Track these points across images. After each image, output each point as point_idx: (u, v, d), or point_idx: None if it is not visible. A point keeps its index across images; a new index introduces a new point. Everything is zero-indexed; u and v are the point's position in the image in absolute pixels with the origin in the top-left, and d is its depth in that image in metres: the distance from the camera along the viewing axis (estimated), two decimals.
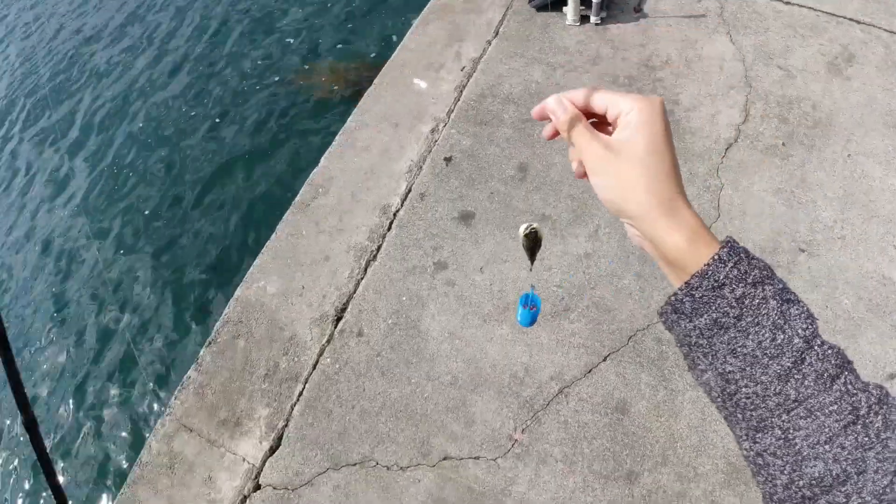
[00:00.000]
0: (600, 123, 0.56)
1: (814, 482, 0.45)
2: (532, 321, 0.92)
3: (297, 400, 2.57)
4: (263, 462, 2.47)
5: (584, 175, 0.56)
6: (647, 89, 3.33)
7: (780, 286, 0.48)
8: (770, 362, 0.47)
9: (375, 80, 3.58)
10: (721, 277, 0.48)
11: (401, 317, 2.68)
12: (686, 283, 0.49)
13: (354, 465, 2.39)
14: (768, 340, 0.47)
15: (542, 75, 3.42)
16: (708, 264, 0.49)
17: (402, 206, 3.01)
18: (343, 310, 2.77)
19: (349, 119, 3.42)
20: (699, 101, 3.29)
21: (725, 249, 0.49)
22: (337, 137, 3.35)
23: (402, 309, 2.70)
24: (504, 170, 3.05)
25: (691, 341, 0.51)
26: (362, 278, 2.83)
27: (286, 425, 2.52)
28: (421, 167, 3.13)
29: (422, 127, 3.31)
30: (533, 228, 0.79)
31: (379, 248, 2.91)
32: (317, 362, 2.65)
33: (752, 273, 0.48)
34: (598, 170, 0.53)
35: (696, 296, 0.49)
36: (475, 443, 2.38)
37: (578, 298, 2.65)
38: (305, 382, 2.60)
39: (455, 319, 2.65)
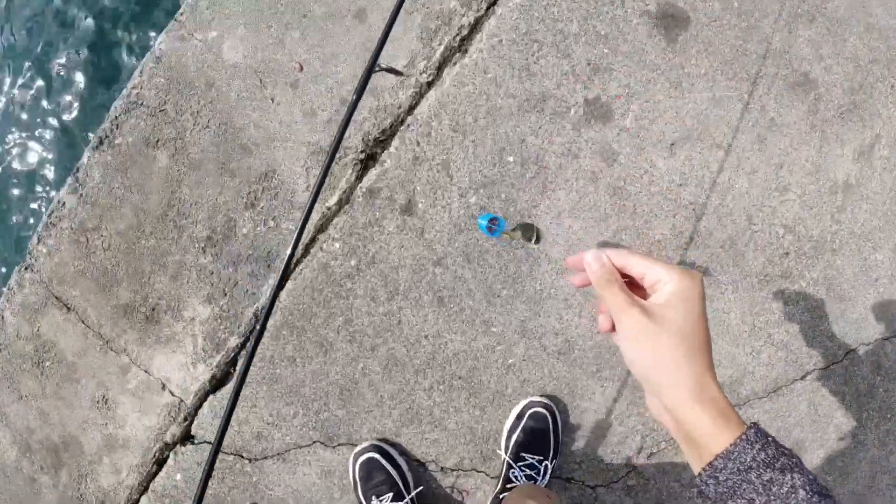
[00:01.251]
0: (631, 284, 0.51)
1: None
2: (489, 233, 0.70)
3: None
4: (201, 400, 1.34)
5: (611, 329, 0.51)
6: None
7: (810, 477, 0.44)
8: None
9: None
10: (748, 460, 0.43)
11: (495, 195, 1.31)
12: (710, 463, 0.44)
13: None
14: None
15: None
16: (734, 444, 0.44)
17: None
18: (381, 142, 1.32)
19: None
20: None
21: (752, 431, 0.44)
22: None
23: (502, 179, 1.31)
24: None
25: None
26: (432, 83, 1.32)
27: (242, 346, 1.33)
28: None
29: None
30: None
31: (477, 22, 1.31)
32: (313, 241, 1.32)
33: (781, 459, 0.44)
34: (633, 336, 0.47)
35: (721, 478, 0.44)
36: (573, 458, 1.35)
37: (809, 262, 1.36)
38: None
39: (598, 230, 1.32)
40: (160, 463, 1.38)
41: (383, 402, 1.32)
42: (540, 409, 1.27)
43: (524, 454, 1.25)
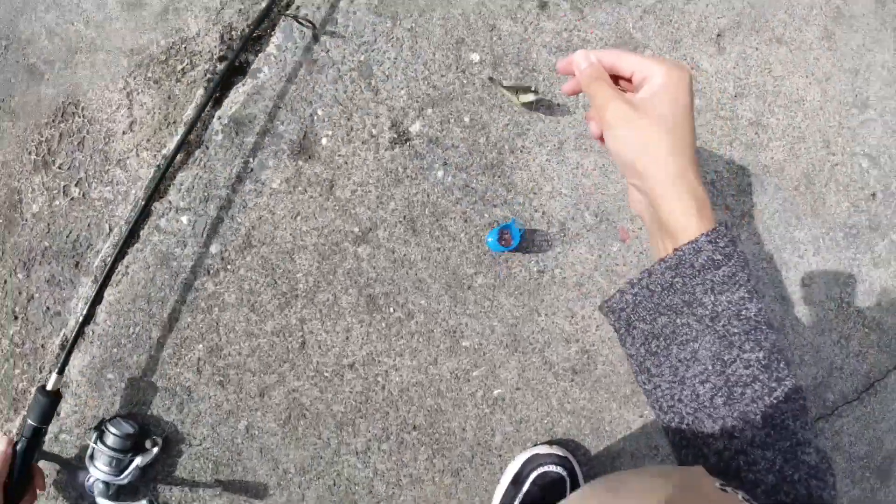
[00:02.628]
0: (620, 84, 0.48)
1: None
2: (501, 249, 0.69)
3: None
4: None
5: (601, 138, 0.47)
6: None
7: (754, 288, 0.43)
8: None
9: None
10: (721, 247, 0.42)
11: (453, 117, 0.75)
12: (709, 231, 0.41)
13: None
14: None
15: None
16: (715, 230, 0.42)
17: None
18: (253, 41, 0.76)
19: None
20: None
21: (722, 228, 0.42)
22: None
23: (464, 92, 0.75)
24: None
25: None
26: None
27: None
28: None
29: None
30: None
31: None
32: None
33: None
34: (618, 124, 0.44)
35: (721, 245, 0.41)
36: None
37: None
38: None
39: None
40: None
41: (287, 478, 0.76)
42: (551, 469, 0.73)
43: None
